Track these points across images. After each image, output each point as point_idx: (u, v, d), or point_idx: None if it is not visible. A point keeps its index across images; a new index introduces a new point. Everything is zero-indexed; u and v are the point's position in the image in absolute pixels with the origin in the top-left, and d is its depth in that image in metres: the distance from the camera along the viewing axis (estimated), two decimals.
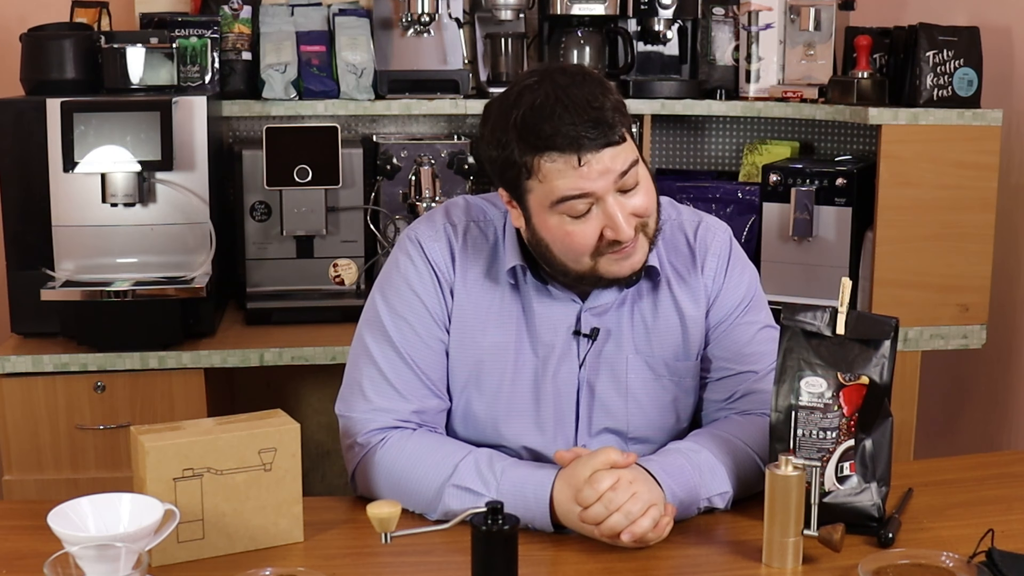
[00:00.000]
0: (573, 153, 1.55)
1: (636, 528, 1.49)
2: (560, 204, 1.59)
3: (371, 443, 1.68)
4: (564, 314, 1.73)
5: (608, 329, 1.74)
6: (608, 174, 1.57)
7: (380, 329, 1.73)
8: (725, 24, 3.03)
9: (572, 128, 1.54)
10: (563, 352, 1.74)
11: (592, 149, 1.55)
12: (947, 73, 2.66)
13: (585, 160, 1.56)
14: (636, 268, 1.66)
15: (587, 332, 1.73)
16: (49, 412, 2.48)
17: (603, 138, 1.56)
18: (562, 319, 1.73)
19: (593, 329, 1.73)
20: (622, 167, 1.58)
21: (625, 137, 1.60)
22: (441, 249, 1.74)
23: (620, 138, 1.58)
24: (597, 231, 1.60)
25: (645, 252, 1.66)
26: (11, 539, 1.57)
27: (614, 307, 1.74)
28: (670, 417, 1.78)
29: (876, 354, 1.57)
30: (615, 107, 1.58)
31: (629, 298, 1.75)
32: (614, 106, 1.58)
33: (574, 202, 1.58)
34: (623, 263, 1.64)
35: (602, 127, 1.55)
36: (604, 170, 1.57)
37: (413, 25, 2.92)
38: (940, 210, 2.65)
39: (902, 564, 1.44)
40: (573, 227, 1.60)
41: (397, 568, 1.51)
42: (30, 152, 2.49)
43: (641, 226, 1.64)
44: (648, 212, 1.64)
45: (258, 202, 2.78)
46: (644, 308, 1.76)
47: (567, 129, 1.54)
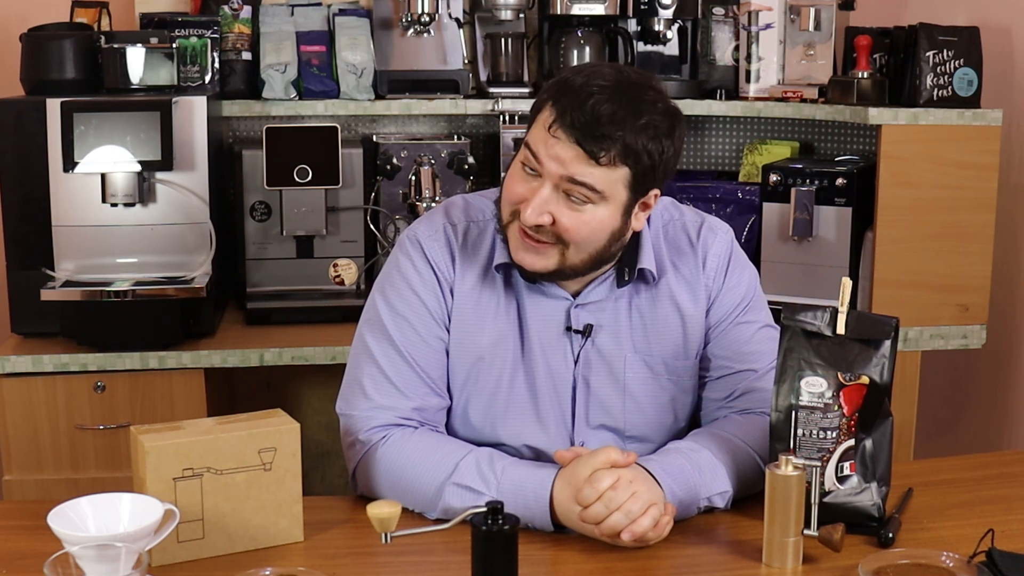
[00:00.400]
0: (555, 118, 1.58)
1: (636, 527, 1.49)
2: (524, 149, 1.63)
3: (372, 441, 1.68)
4: (555, 310, 1.74)
5: (604, 326, 1.74)
6: (559, 164, 1.58)
7: (380, 328, 1.73)
8: (725, 24, 3.03)
9: (578, 106, 1.56)
10: (556, 349, 1.74)
11: (567, 133, 1.57)
12: (947, 73, 2.66)
13: (555, 133, 1.58)
14: (535, 266, 1.66)
15: (579, 328, 1.73)
16: (49, 412, 2.48)
17: (583, 136, 1.56)
18: (553, 315, 1.74)
19: (586, 326, 1.73)
20: (576, 176, 1.57)
21: (608, 163, 1.56)
22: (441, 249, 1.74)
23: (598, 158, 1.56)
24: (522, 196, 1.62)
25: (550, 265, 1.65)
26: (11, 539, 1.57)
27: (610, 304, 1.75)
28: (668, 416, 1.79)
29: (876, 354, 1.57)
30: (629, 141, 1.56)
31: (627, 296, 1.75)
32: (628, 139, 1.56)
33: (528, 155, 1.62)
34: (521, 252, 1.65)
35: (595, 132, 1.55)
36: (558, 158, 1.58)
37: (413, 25, 2.92)
38: (940, 210, 2.65)
39: (902, 564, 1.44)
40: (517, 174, 1.64)
41: (397, 568, 1.51)
42: (30, 152, 2.49)
43: (556, 239, 1.63)
44: (568, 236, 1.61)
45: (258, 202, 2.78)
46: (643, 307, 1.76)
47: (576, 103, 1.56)
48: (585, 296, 1.74)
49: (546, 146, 1.59)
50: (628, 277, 1.73)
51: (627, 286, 1.75)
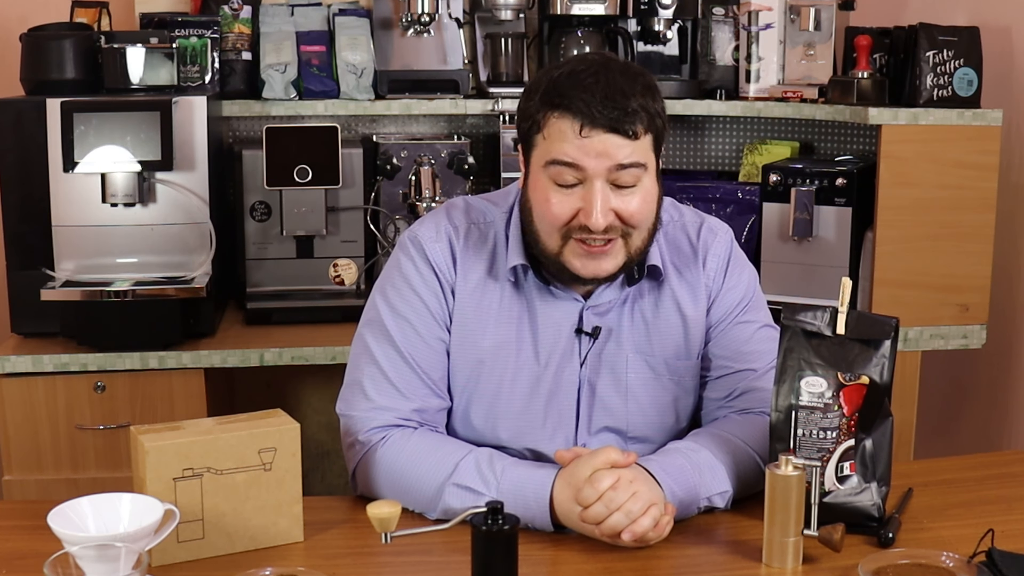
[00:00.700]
0: (579, 120, 1.58)
1: (636, 527, 1.49)
2: (551, 167, 1.61)
3: (372, 441, 1.68)
4: (567, 313, 1.74)
5: (609, 328, 1.74)
6: (604, 158, 1.58)
7: (381, 329, 1.73)
8: (725, 24, 3.03)
9: (590, 99, 1.57)
10: (565, 351, 1.74)
11: (599, 126, 1.57)
12: (947, 73, 2.66)
13: (587, 133, 1.58)
14: (601, 274, 1.65)
15: (589, 331, 1.73)
16: (49, 412, 2.48)
17: (613, 121, 1.57)
18: (564, 318, 1.74)
19: (595, 328, 1.73)
20: (622, 160, 1.59)
21: (639, 136, 1.59)
22: (442, 250, 1.74)
23: (633, 133, 1.58)
24: (573, 210, 1.61)
25: (618, 261, 1.65)
26: (11, 539, 1.57)
27: (616, 306, 1.75)
28: (670, 417, 1.79)
29: (876, 354, 1.57)
30: (644, 107, 1.59)
31: (630, 297, 1.76)
32: (643, 105, 1.59)
33: (563, 169, 1.60)
34: (588, 262, 1.64)
35: (617, 112, 1.57)
36: (602, 152, 1.58)
37: (413, 25, 2.92)
38: (940, 210, 2.65)
39: (902, 564, 1.44)
40: (554, 195, 1.62)
41: (397, 568, 1.51)
42: (30, 152, 2.49)
43: (623, 233, 1.63)
44: (634, 221, 1.63)
45: (258, 202, 2.78)
46: (645, 307, 1.76)
47: (586, 97, 1.57)
48: (597, 297, 1.74)
49: (583, 150, 1.58)
50: (638, 275, 1.73)
51: (633, 287, 1.75)
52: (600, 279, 1.67)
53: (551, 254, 1.66)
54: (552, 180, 1.62)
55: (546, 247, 1.66)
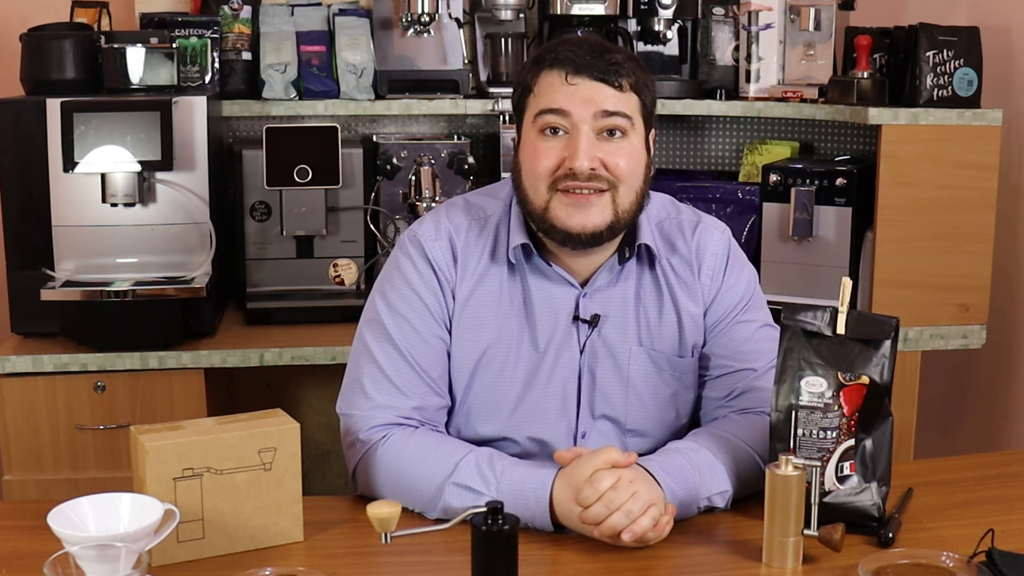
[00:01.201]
0: (566, 69, 1.64)
1: (636, 527, 1.49)
2: (540, 117, 1.66)
3: (372, 440, 1.68)
4: (563, 299, 1.74)
5: (610, 317, 1.75)
6: (590, 104, 1.63)
7: (380, 328, 1.73)
8: (725, 24, 3.03)
9: (577, 50, 1.65)
10: (563, 339, 1.74)
11: (585, 74, 1.64)
12: (947, 73, 2.66)
13: (574, 80, 1.64)
14: (587, 227, 1.65)
15: (587, 318, 1.73)
16: (49, 412, 2.48)
17: (599, 71, 1.63)
18: (561, 305, 1.74)
19: (593, 316, 1.73)
20: (609, 107, 1.64)
21: (625, 88, 1.64)
22: (442, 249, 1.74)
23: (619, 84, 1.64)
24: (560, 157, 1.65)
25: (605, 217, 1.66)
26: (11, 539, 1.57)
27: (618, 294, 1.75)
28: (669, 412, 1.79)
29: (876, 354, 1.57)
30: (630, 66, 1.65)
31: (634, 289, 1.76)
32: (629, 64, 1.66)
33: (551, 116, 1.65)
34: (574, 212, 1.65)
35: (602, 62, 1.64)
36: (588, 98, 1.63)
37: (413, 25, 2.92)
38: (940, 210, 2.65)
39: (902, 564, 1.44)
40: (541, 144, 1.66)
41: (397, 568, 1.51)
42: (30, 152, 2.49)
43: (609, 183, 1.65)
44: (619, 173, 1.65)
45: (258, 202, 2.78)
46: (648, 302, 1.77)
47: (571, 50, 1.66)
48: (593, 282, 1.74)
49: (568, 96, 1.64)
50: (628, 254, 1.74)
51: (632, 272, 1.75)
52: (587, 234, 1.66)
53: (539, 210, 1.67)
54: (540, 132, 1.66)
55: (534, 203, 1.68)
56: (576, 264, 1.74)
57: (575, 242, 1.68)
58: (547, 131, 1.66)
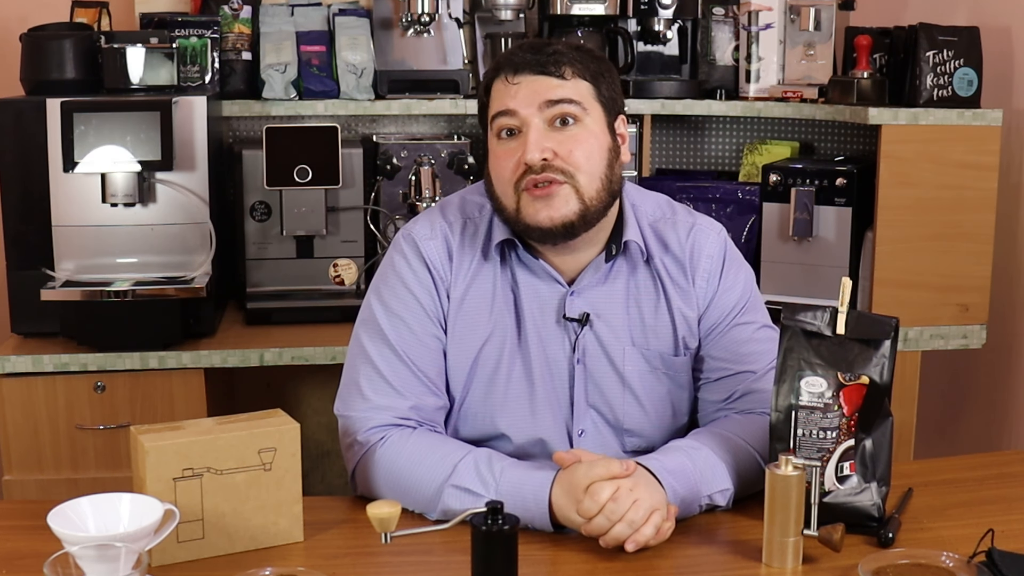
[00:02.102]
0: (506, 72, 1.68)
1: (640, 537, 1.49)
2: (494, 121, 1.69)
3: (371, 441, 1.68)
4: (550, 297, 1.74)
5: (602, 316, 1.75)
6: (533, 96, 1.65)
7: (376, 328, 1.73)
8: (725, 24, 3.03)
9: (515, 53, 1.69)
10: (554, 337, 1.75)
11: (525, 71, 1.66)
12: (947, 73, 2.66)
13: (515, 80, 1.67)
14: (555, 219, 1.65)
15: (575, 317, 1.73)
16: (49, 412, 2.48)
17: (538, 64, 1.66)
18: (549, 303, 1.74)
19: (583, 314, 1.73)
20: (552, 96, 1.65)
21: (569, 76, 1.66)
22: (437, 248, 1.74)
23: (560, 73, 1.66)
24: (516, 156, 1.66)
25: (572, 207, 1.66)
26: (11, 539, 1.57)
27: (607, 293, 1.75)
28: (665, 410, 1.79)
29: (876, 354, 1.57)
30: (570, 55, 1.68)
31: (625, 286, 1.76)
32: (571, 48, 1.69)
33: (502, 119, 1.67)
34: (540, 207, 1.65)
35: (541, 55, 1.66)
36: (531, 92, 1.66)
37: (413, 25, 2.92)
38: (940, 210, 2.65)
39: (902, 564, 1.44)
40: (500, 148, 1.69)
41: (397, 568, 1.51)
42: (30, 152, 2.49)
43: (564, 172, 1.65)
44: (573, 160, 1.65)
45: (258, 202, 2.78)
46: (641, 301, 1.77)
47: (512, 53, 1.73)
48: (579, 281, 1.74)
49: (513, 96, 1.67)
50: (616, 251, 1.74)
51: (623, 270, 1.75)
52: (558, 227, 1.66)
53: (512, 213, 1.69)
54: (497, 137, 1.69)
55: (507, 208, 1.69)
56: (563, 263, 1.74)
57: (552, 236, 1.68)
58: (503, 134, 1.68)
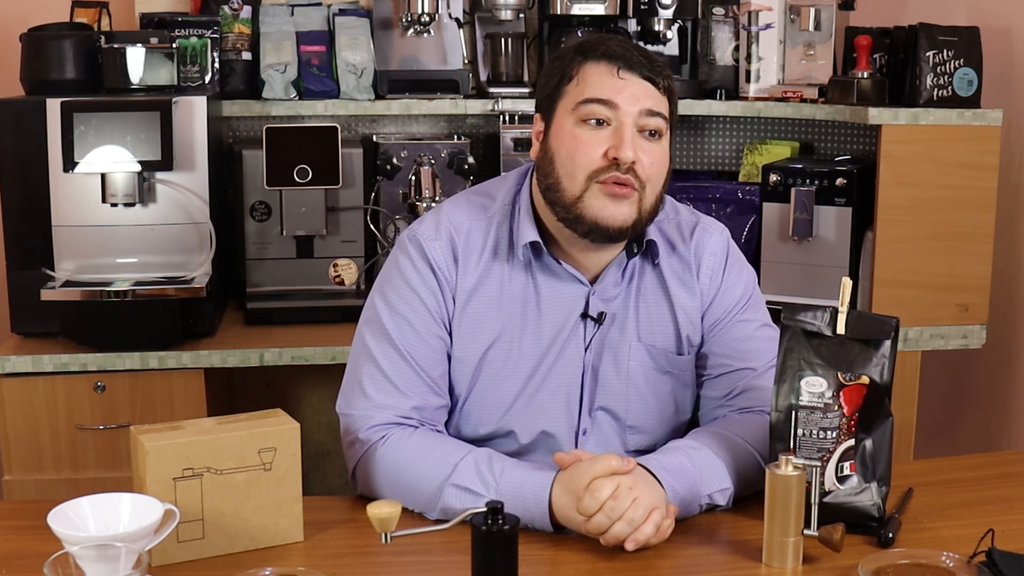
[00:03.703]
0: (617, 63, 1.67)
1: (639, 535, 1.49)
2: (584, 106, 1.66)
3: (372, 440, 1.68)
4: (572, 296, 1.75)
5: (614, 314, 1.75)
6: (637, 102, 1.66)
7: (380, 328, 1.73)
8: (725, 24, 3.03)
9: (627, 48, 1.70)
10: (570, 336, 1.75)
11: (634, 70, 1.67)
12: (947, 73, 2.66)
13: (624, 75, 1.67)
14: (618, 220, 1.66)
15: (595, 315, 1.74)
16: (49, 412, 2.48)
17: (648, 70, 1.67)
18: (570, 302, 1.75)
19: (600, 313, 1.74)
20: (651, 107, 1.66)
21: (664, 92, 1.68)
22: (442, 248, 1.74)
23: (663, 87, 1.68)
24: (603, 148, 1.65)
25: (633, 213, 1.67)
26: (11, 539, 1.57)
27: (621, 292, 1.76)
28: (668, 408, 1.79)
29: (876, 354, 1.57)
30: (669, 73, 1.70)
31: (635, 285, 1.77)
32: (666, 67, 1.70)
33: (597, 106, 1.66)
34: (608, 204, 1.65)
35: (650, 63, 1.68)
36: (636, 96, 1.66)
37: (413, 25, 2.92)
38: (940, 210, 2.65)
39: (902, 564, 1.44)
40: (583, 133, 1.67)
41: (397, 568, 1.51)
42: (30, 152, 2.49)
43: (641, 182, 1.66)
44: (650, 173, 1.67)
45: (258, 202, 2.78)
46: (647, 299, 1.78)
47: (621, 47, 1.70)
48: (602, 279, 1.75)
49: (618, 89, 1.66)
50: (636, 249, 1.75)
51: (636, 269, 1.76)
52: (614, 229, 1.66)
53: (570, 200, 1.67)
54: (581, 121, 1.67)
55: (566, 193, 1.67)
56: (586, 260, 1.74)
57: (600, 235, 1.68)
58: (590, 121, 1.66)
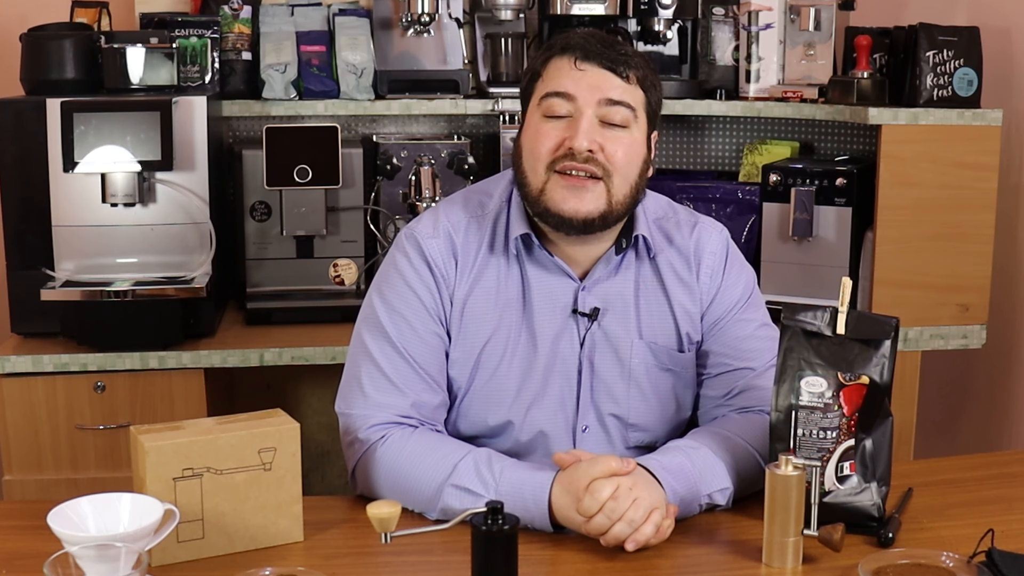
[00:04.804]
0: (575, 54, 1.67)
1: (639, 536, 1.49)
2: (545, 99, 1.68)
3: (371, 440, 1.68)
4: (562, 291, 1.75)
5: (611, 309, 1.75)
6: (596, 90, 1.66)
7: (377, 326, 1.73)
8: (725, 24, 3.03)
9: (586, 39, 1.68)
10: (563, 331, 1.75)
11: (594, 60, 1.66)
12: (947, 73, 2.66)
13: (582, 66, 1.67)
14: (580, 212, 1.66)
15: (586, 311, 1.73)
16: (49, 412, 2.48)
17: (608, 59, 1.66)
18: (560, 297, 1.75)
19: (593, 309, 1.74)
20: (614, 96, 1.66)
21: (632, 81, 1.67)
22: (440, 247, 1.74)
23: (626, 75, 1.67)
24: (560, 138, 1.66)
25: (601, 204, 1.67)
26: (11, 539, 1.57)
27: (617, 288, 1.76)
28: (670, 405, 1.80)
29: (876, 354, 1.57)
30: (638, 61, 1.69)
31: (634, 282, 1.77)
32: (637, 54, 1.70)
33: (556, 100, 1.67)
34: (568, 195, 1.66)
35: (612, 51, 1.67)
36: (594, 85, 1.66)
37: (413, 25, 2.92)
38: (940, 210, 2.65)
39: (902, 564, 1.44)
40: (544, 125, 1.68)
41: (397, 568, 1.51)
42: (30, 152, 2.49)
43: (604, 170, 1.66)
44: (616, 162, 1.66)
45: (258, 202, 2.78)
46: (647, 296, 1.78)
47: (582, 38, 1.71)
48: (592, 275, 1.75)
49: (575, 81, 1.66)
50: (625, 244, 1.75)
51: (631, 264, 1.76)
52: (579, 219, 1.67)
53: (535, 191, 1.69)
54: (543, 115, 1.68)
55: (532, 185, 1.69)
56: (575, 254, 1.75)
57: (567, 227, 1.69)
58: (552, 115, 1.68)
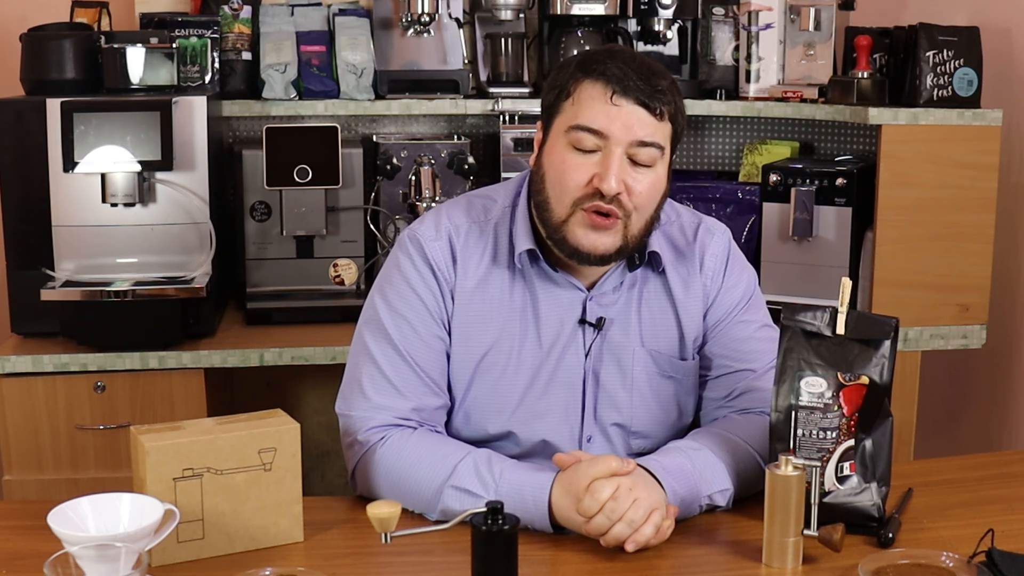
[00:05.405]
0: (611, 87, 1.62)
1: (639, 536, 1.49)
2: (574, 132, 1.64)
3: (371, 441, 1.68)
4: (570, 302, 1.74)
5: (614, 319, 1.75)
6: (629, 130, 1.62)
7: (379, 328, 1.73)
8: (725, 24, 3.03)
9: (626, 69, 1.62)
10: (569, 341, 1.74)
11: (630, 96, 1.62)
12: (947, 73, 2.66)
13: (618, 101, 1.62)
14: (599, 250, 1.66)
15: (593, 321, 1.73)
16: (49, 412, 2.48)
17: (645, 95, 1.62)
18: (568, 307, 1.74)
19: (599, 319, 1.74)
20: (645, 137, 1.63)
21: (663, 117, 1.64)
22: (442, 249, 1.74)
23: (660, 112, 1.63)
24: (589, 175, 1.63)
25: (617, 241, 1.66)
26: (11, 539, 1.57)
27: (622, 298, 1.75)
28: (672, 413, 1.79)
29: (876, 354, 1.57)
30: (672, 94, 1.65)
31: (636, 290, 1.76)
32: (671, 92, 1.65)
33: (585, 135, 1.63)
34: (590, 233, 1.65)
35: (649, 87, 1.62)
36: (628, 124, 1.62)
37: (413, 25, 2.92)
38: (940, 210, 2.65)
39: (902, 564, 1.44)
40: (572, 158, 1.64)
41: (397, 568, 1.51)
42: (30, 152, 2.49)
43: (626, 211, 1.64)
44: (639, 201, 1.65)
45: (258, 202, 2.78)
46: (651, 302, 1.77)
47: (622, 67, 1.63)
48: (600, 287, 1.74)
49: (609, 118, 1.62)
50: (639, 261, 1.74)
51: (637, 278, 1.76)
52: (596, 256, 1.66)
53: (556, 223, 1.66)
54: (571, 145, 1.64)
55: (553, 214, 1.67)
56: (584, 269, 1.74)
57: (583, 261, 1.68)
58: (580, 147, 1.64)
